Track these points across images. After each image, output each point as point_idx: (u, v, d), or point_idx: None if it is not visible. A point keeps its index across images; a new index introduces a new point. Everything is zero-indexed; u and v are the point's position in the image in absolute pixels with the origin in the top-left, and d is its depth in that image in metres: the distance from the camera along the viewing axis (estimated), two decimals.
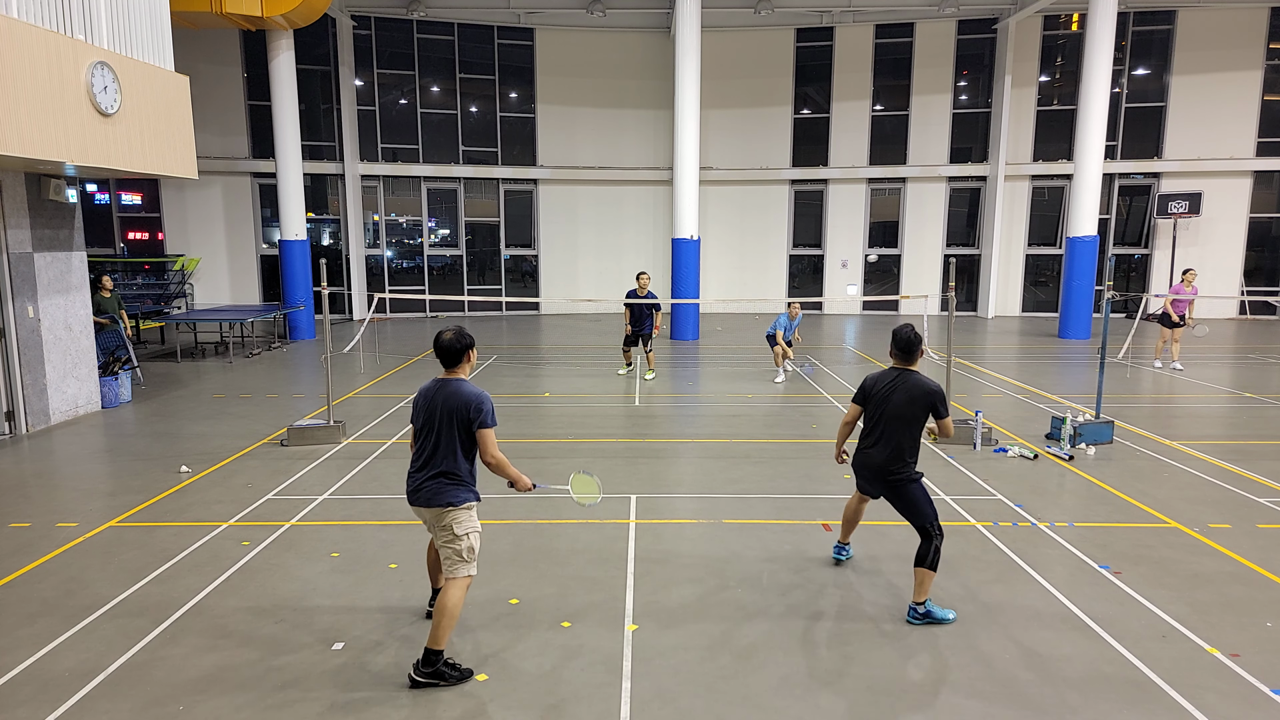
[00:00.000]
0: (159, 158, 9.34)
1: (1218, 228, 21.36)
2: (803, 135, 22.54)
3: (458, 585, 4.12)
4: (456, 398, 4.10)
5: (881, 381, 4.94)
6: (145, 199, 20.54)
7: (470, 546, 4.15)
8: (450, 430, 4.10)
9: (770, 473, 7.62)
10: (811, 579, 5.30)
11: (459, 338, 4.21)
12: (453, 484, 4.13)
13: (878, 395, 4.91)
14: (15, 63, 7.23)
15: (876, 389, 4.94)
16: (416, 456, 4.22)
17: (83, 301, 10.11)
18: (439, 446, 4.12)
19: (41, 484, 7.37)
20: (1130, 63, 21.24)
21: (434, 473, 4.13)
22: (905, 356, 4.93)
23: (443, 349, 4.21)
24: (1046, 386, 11.88)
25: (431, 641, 4.05)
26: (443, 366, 4.26)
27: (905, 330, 4.93)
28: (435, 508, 4.12)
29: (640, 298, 12.24)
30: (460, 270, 22.57)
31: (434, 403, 4.15)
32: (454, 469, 4.13)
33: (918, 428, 4.84)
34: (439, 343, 4.22)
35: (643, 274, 12.50)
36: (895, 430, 4.81)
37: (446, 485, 4.12)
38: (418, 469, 4.19)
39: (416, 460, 4.21)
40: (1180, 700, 3.93)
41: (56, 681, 4.08)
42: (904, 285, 22.74)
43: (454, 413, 4.09)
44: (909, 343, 4.90)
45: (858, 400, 5.05)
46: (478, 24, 21.47)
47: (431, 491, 4.12)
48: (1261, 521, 6.33)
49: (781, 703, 3.93)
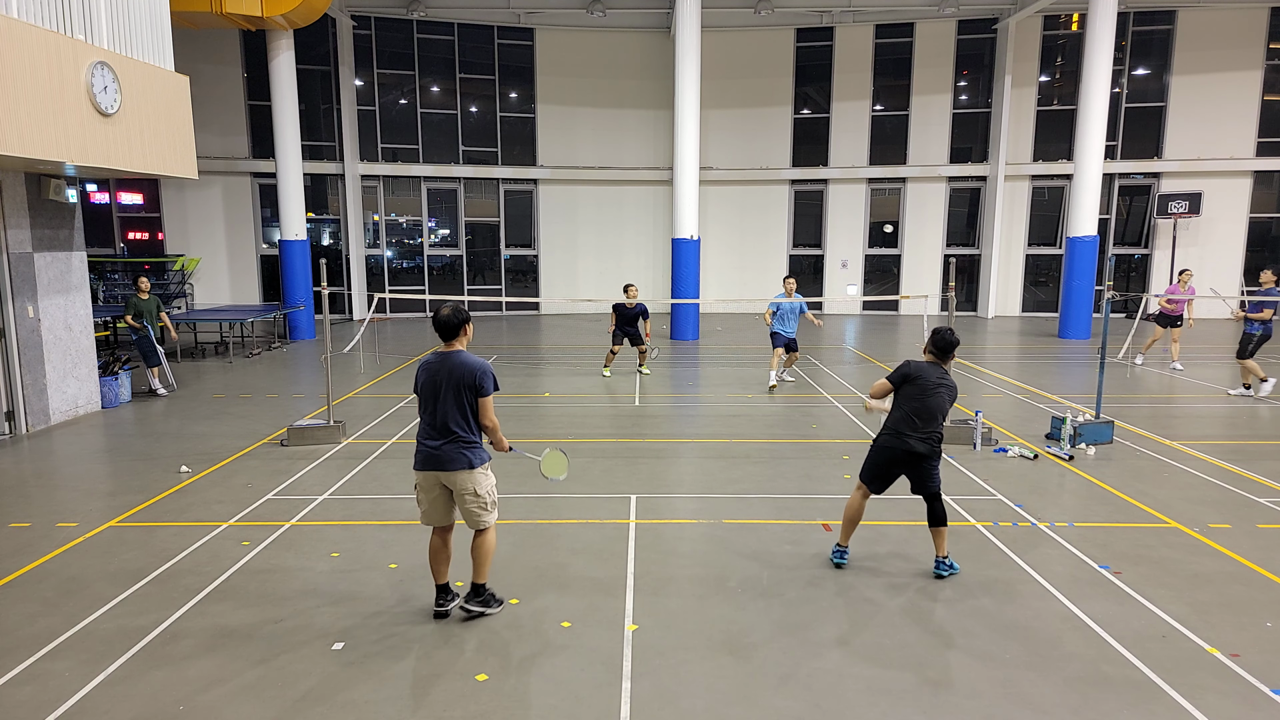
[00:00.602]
0: (159, 158, 9.34)
1: (1218, 228, 21.36)
2: (803, 135, 22.55)
3: (489, 531, 4.61)
4: (462, 367, 4.43)
5: (928, 374, 5.11)
6: (145, 199, 20.54)
7: (493, 500, 4.61)
8: (459, 397, 4.43)
9: (770, 473, 7.62)
10: (812, 579, 5.30)
11: (456, 313, 4.53)
12: (468, 447, 4.48)
13: (923, 384, 5.08)
14: (15, 63, 7.23)
15: (923, 378, 5.10)
16: (430, 424, 4.50)
17: (83, 301, 10.11)
18: (449, 413, 4.43)
19: (41, 484, 7.37)
20: (1130, 63, 21.24)
21: (449, 438, 4.44)
22: (943, 355, 5.20)
23: (442, 323, 4.51)
24: (1046, 386, 11.88)
25: (476, 576, 4.64)
26: (442, 340, 4.56)
27: (947, 332, 5.21)
28: (455, 471, 4.45)
29: (630, 309, 12.40)
30: (460, 270, 22.58)
31: (440, 373, 4.45)
32: (466, 433, 4.46)
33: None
34: (438, 318, 4.51)
35: (630, 286, 12.68)
36: (937, 423, 5.12)
37: (463, 449, 4.46)
38: (431, 436, 4.48)
39: (430, 428, 4.50)
40: (1180, 700, 3.92)
41: (56, 681, 4.08)
42: (904, 285, 22.75)
43: (461, 380, 4.42)
44: (950, 345, 5.18)
45: (894, 380, 5.18)
46: (478, 24, 21.47)
47: (449, 455, 4.44)
48: (1261, 521, 6.33)
49: (782, 703, 3.93)
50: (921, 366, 5.16)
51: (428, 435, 4.50)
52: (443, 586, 4.73)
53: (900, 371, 5.19)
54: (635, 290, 12.61)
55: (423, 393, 4.51)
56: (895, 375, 5.21)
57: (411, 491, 7.03)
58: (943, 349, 5.18)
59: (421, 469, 4.52)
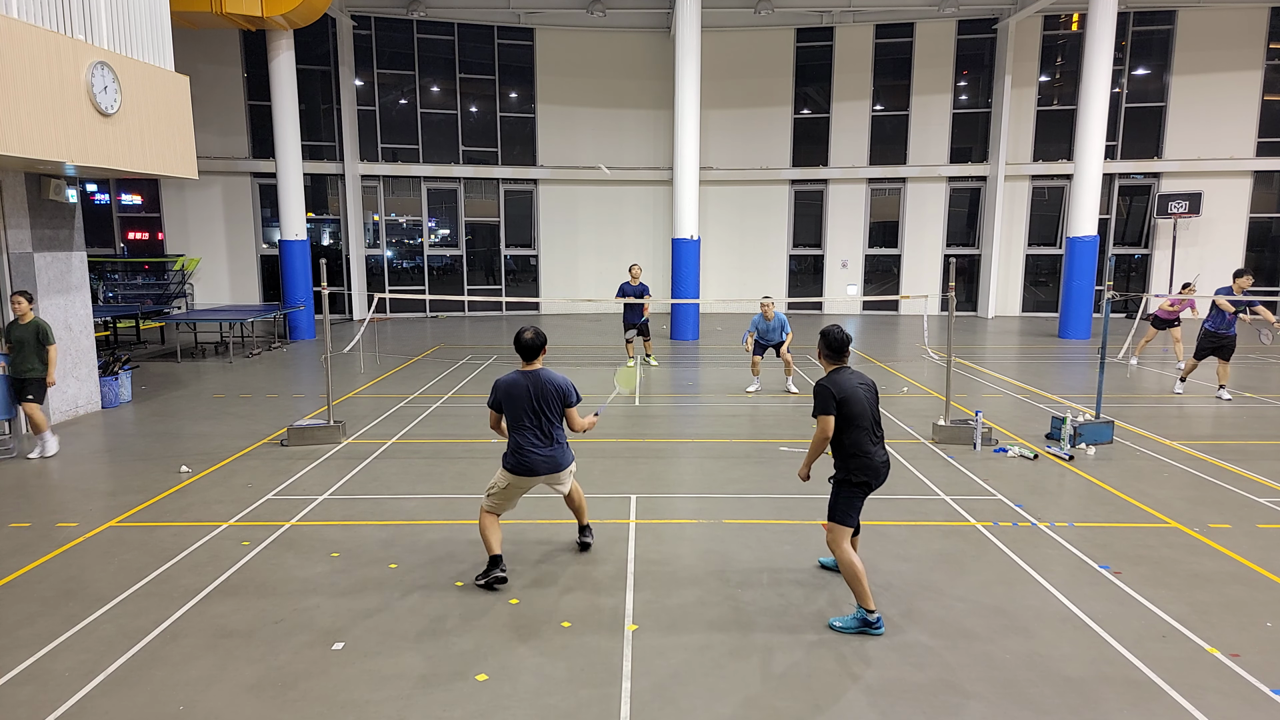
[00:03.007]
0: (159, 158, 9.34)
1: (1218, 228, 21.35)
2: (803, 135, 22.54)
3: (577, 486, 5.61)
4: (552, 383, 5.15)
5: (847, 383, 4.63)
6: (145, 199, 20.54)
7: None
8: (554, 409, 5.15)
9: (770, 473, 7.62)
10: (811, 579, 5.30)
11: (537, 335, 5.19)
12: (565, 447, 5.32)
13: (852, 396, 4.59)
14: (15, 63, 7.23)
15: (848, 390, 4.60)
16: (538, 433, 5.14)
17: (83, 301, 10.10)
18: (553, 422, 5.18)
19: (41, 484, 7.37)
20: (1130, 63, 21.23)
21: (556, 443, 5.22)
22: (842, 356, 4.75)
23: (525, 346, 5.17)
24: (1046, 386, 11.88)
25: (584, 519, 5.76)
26: (523, 360, 5.20)
27: (837, 330, 4.75)
28: (565, 466, 5.30)
29: (633, 288, 13.11)
30: (460, 270, 22.58)
31: (530, 391, 5.10)
32: (562, 437, 5.28)
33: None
34: (522, 341, 5.17)
35: (634, 265, 13.66)
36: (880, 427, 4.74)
37: (565, 449, 5.32)
38: (541, 443, 5.16)
39: (538, 437, 5.15)
40: (1180, 700, 3.93)
41: (56, 681, 4.08)
42: (904, 285, 22.75)
43: (553, 395, 5.13)
44: (843, 343, 4.74)
45: (831, 410, 4.58)
46: (478, 24, 21.47)
47: (559, 457, 5.24)
48: (1261, 521, 6.33)
49: (781, 703, 3.93)
50: (836, 379, 4.64)
51: (537, 443, 5.14)
52: (498, 556, 5.15)
53: (827, 399, 4.58)
54: (639, 269, 13.49)
55: (520, 409, 5.10)
56: (826, 406, 4.58)
57: (411, 491, 7.10)
58: (838, 349, 4.72)
59: (529, 474, 5.15)
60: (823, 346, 4.79)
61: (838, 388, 4.59)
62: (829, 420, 4.59)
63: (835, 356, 4.75)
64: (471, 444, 8.62)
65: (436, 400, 10.86)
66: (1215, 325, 10.91)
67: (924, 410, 10.13)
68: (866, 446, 4.62)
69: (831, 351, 4.75)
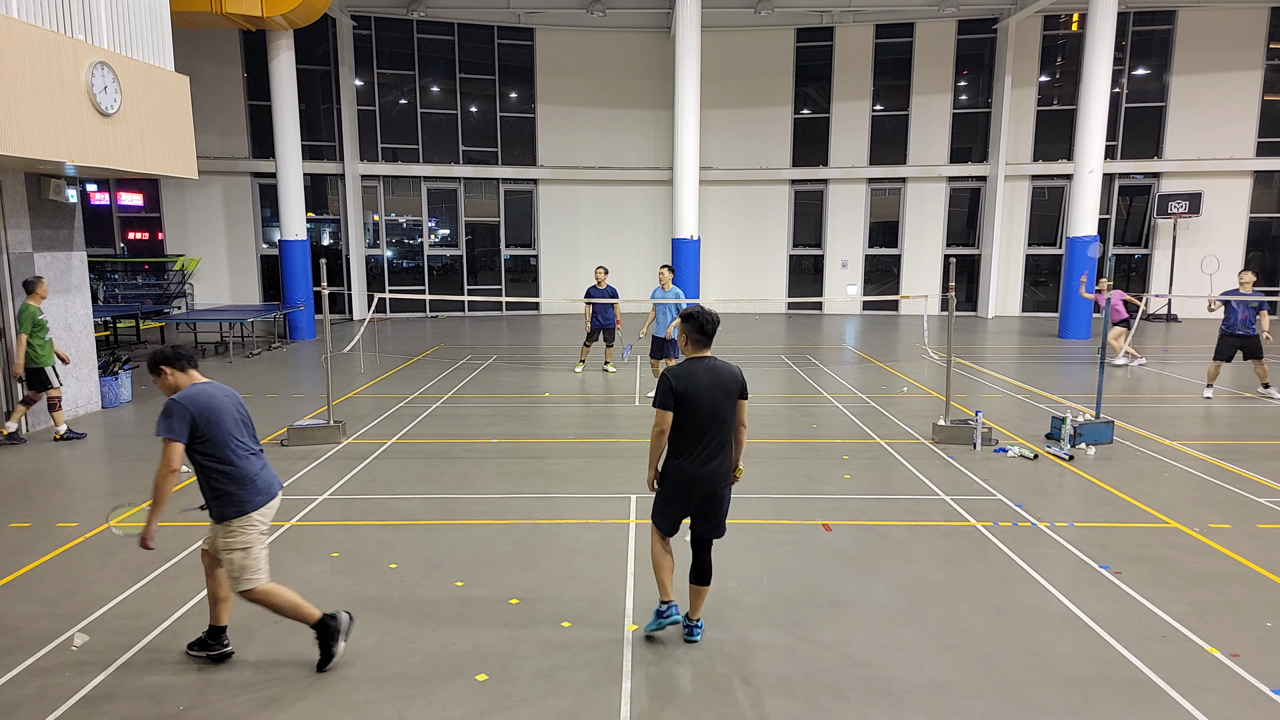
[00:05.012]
0: (159, 158, 9.34)
1: (1218, 228, 21.36)
2: (803, 135, 22.55)
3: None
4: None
5: (694, 377, 4.14)
6: (145, 199, 20.55)
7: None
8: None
9: (770, 473, 7.61)
10: (811, 579, 5.30)
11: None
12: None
13: (694, 393, 4.11)
14: (15, 63, 7.23)
15: (692, 387, 4.12)
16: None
17: (83, 301, 10.10)
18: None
19: (41, 484, 7.37)
20: (1130, 63, 21.24)
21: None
22: (707, 341, 4.29)
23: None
24: (1046, 386, 11.88)
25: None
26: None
27: (702, 311, 4.26)
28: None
29: (600, 292, 12.84)
30: (460, 270, 22.58)
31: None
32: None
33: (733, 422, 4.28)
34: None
35: (600, 268, 13.29)
36: (727, 431, 4.23)
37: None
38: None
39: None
40: (1180, 700, 3.92)
41: (56, 681, 4.08)
42: (904, 285, 22.75)
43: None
44: (712, 324, 4.27)
45: (669, 406, 4.13)
46: (478, 24, 21.47)
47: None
48: (1261, 521, 6.33)
49: (781, 702, 3.93)
50: (681, 370, 4.18)
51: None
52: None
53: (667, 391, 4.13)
54: (604, 272, 13.15)
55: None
56: (665, 399, 4.14)
57: (411, 491, 7.10)
58: (706, 331, 4.25)
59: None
60: (691, 331, 4.26)
61: (675, 377, 4.14)
62: (665, 415, 4.16)
63: (698, 339, 4.26)
64: (471, 444, 8.63)
65: (436, 400, 10.86)
66: (1229, 326, 10.95)
67: (924, 410, 10.13)
68: (693, 451, 4.17)
69: (700, 334, 4.25)
